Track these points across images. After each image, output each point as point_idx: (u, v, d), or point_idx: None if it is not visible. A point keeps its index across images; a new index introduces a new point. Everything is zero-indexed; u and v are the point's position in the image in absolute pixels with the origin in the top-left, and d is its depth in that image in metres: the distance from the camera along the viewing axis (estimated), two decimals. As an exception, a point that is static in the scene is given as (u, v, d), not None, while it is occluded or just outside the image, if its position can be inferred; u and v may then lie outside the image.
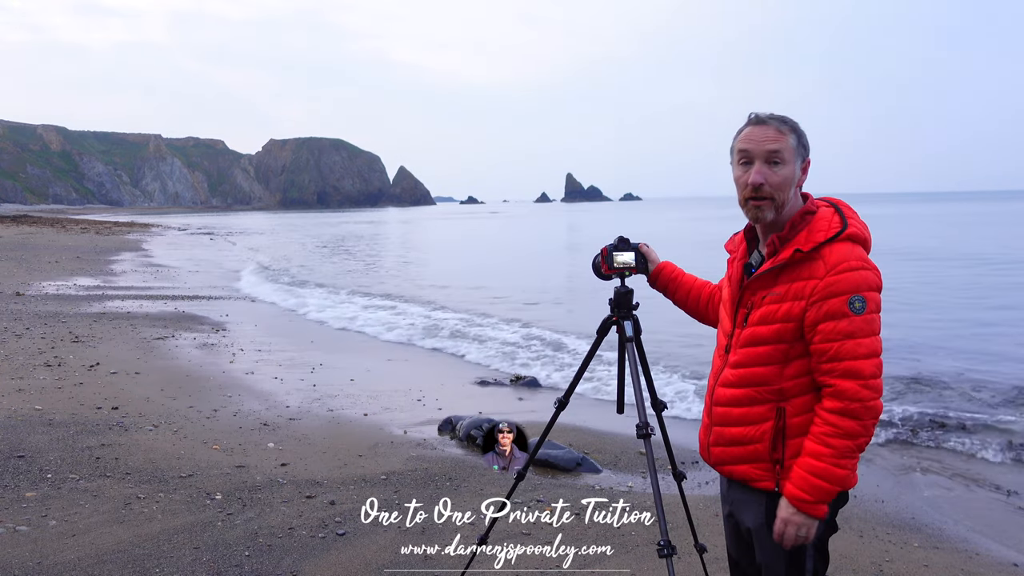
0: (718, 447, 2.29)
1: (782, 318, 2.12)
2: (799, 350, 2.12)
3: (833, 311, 2.04)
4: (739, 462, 2.24)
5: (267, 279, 21.85)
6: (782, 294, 2.13)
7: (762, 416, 2.18)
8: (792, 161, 2.16)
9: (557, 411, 2.95)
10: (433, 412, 7.34)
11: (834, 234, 2.10)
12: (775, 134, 2.15)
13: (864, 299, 2.03)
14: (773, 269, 2.17)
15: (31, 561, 3.75)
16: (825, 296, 2.05)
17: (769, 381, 2.16)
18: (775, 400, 2.16)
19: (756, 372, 2.18)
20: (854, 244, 2.10)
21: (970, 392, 8.23)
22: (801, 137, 2.19)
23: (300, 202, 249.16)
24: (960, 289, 17.46)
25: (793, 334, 2.11)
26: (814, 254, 2.10)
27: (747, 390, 2.20)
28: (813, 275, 2.08)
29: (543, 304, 15.78)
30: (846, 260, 2.05)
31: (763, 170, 2.15)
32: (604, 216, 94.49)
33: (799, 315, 2.09)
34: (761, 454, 2.18)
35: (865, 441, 2.06)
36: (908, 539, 4.63)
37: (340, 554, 4.02)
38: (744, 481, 2.25)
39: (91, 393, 7.18)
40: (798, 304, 2.09)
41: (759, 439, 2.18)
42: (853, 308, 2.02)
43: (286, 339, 11.33)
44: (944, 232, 43.32)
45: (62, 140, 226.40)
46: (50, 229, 44.37)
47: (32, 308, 12.83)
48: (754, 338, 2.19)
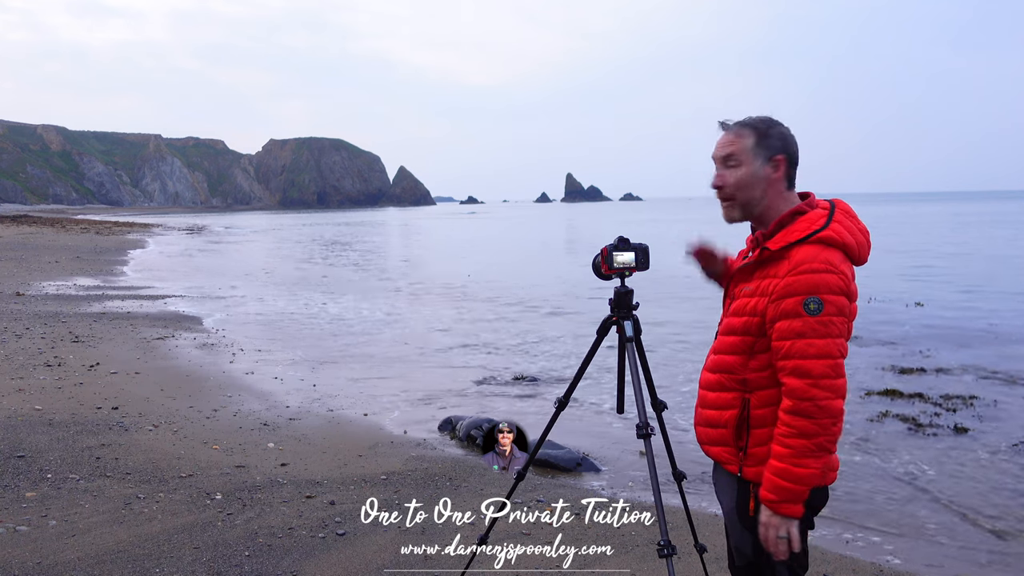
0: (700, 427, 2.40)
1: (750, 312, 2.20)
2: (763, 344, 2.19)
3: (788, 310, 2.09)
4: (714, 444, 2.33)
5: (267, 279, 21.85)
6: (753, 289, 2.22)
7: (729, 403, 2.27)
8: (749, 162, 2.22)
9: (557, 411, 2.96)
10: (433, 412, 7.34)
11: (807, 235, 2.13)
12: (732, 138, 2.25)
13: (821, 301, 2.06)
14: (749, 264, 2.26)
15: (31, 561, 3.75)
16: (783, 295, 2.10)
17: (736, 370, 2.25)
18: (741, 390, 2.25)
19: (726, 360, 2.28)
20: (826, 247, 2.12)
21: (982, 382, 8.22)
22: (766, 137, 2.23)
23: (300, 202, 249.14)
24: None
25: (758, 328, 2.19)
26: (784, 253, 2.15)
27: (719, 376, 2.30)
28: (777, 273, 2.14)
29: (543, 304, 15.77)
30: (809, 262, 2.09)
31: (722, 173, 2.26)
32: (608, 216, 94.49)
33: (763, 311, 2.16)
34: (727, 439, 2.28)
35: (825, 440, 2.07)
36: (909, 538, 4.63)
37: (340, 554, 4.02)
38: (719, 463, 2.35)
39: (91, 393, 7.18)
40: (763, 300, 2.17)
41: (725, 424, 2.28)
42: (808, 309, 2.06)
43: (286, 339, 11.33)
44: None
45: (62, 140, 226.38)
46: (50, 229, 44.37)
47: (32, 308, 12.83)
48: (728, 328, 2.29)
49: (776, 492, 2.11)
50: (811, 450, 2.07)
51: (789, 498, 2.11)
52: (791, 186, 2.27)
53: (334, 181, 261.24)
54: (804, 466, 2.08)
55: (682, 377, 8.89)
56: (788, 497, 2.11)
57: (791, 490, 2.10)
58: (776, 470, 2.11)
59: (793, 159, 2.25)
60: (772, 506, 2.13)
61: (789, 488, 2.10)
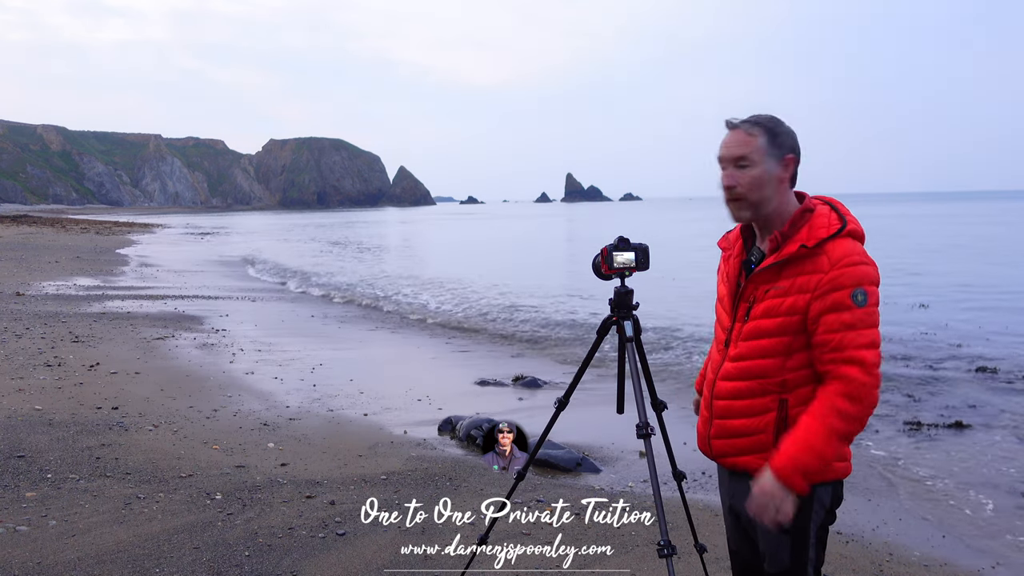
0: (720, 440, 2.33)
1: (786, 311, 2.18)
2: (801, 342, 2.18)
3: (837, 303, 2.10)
4: (742, 453, 2.28)
5: (268, 279, 21.86)
6: (786, 288, 2.18)
7: (765, 407, 2.23)
8: (761, 162, 2.21)
9: (557, 411, 2.96)
10: (433, 412, 7.34)
11: (836, 231, 2.17)
12: (743, 138, 2.22)
13: (866, 292, 2.10)
14: (776, 264, 2.21)
15: (31, 561, 3.75)
16: (830, 289, 2.11)
17: (772, 373, 2.21)
18: (778, 392, 2.21)
19: (759, 364, 2.23)
20: (855, 240, 2.18)
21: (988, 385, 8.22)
22: (776, 136, 2.22)
23: (300, 202, 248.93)
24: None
25: (797, 327, 2.17)
26: (817, 249, 2.15)
27: (750, 383, 2.25)
28: (818, 269, 2.14)
29: (544, 304, 15.77)
30: (849, 255, 2.12)
31: (733, 173, 2.23)
32: (608, 217, 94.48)
33: (803, 308, 2.15)
34: (765, 444, 2.23)
35: (857, 428, 2.11)
36: (908, 539, 4.63)
37: (340, 554, 4.02)
38: (748, 472, 2.28)
39: (91, 393, 7.18)
40: (803, 297, 2.15)
41: (763, 430, 2.23)
42: (856, 301, 2.09)
43: (286, 339, 11.32)
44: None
45: (62, 140, 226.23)
46: (50, 229, 44.37)
47: (32, 308, 12.83)
48: (757, 331, 2.23)
49: (795, 461, 2.09)
50: (844, 434, 2.10)
51: (806, 471, 2.09)
52: (794, 185, 2.28)
53: (334, 181, 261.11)
54: (831, 446, 2.10)
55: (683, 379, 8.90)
56: (805, 469, 2.09)
57: (809, 465, 2.09)
58: (804, 441, 2.09)
59: (799, 159, 2.26)
60: (784, 475, 2.09)
61: (808, 463, 2.09)
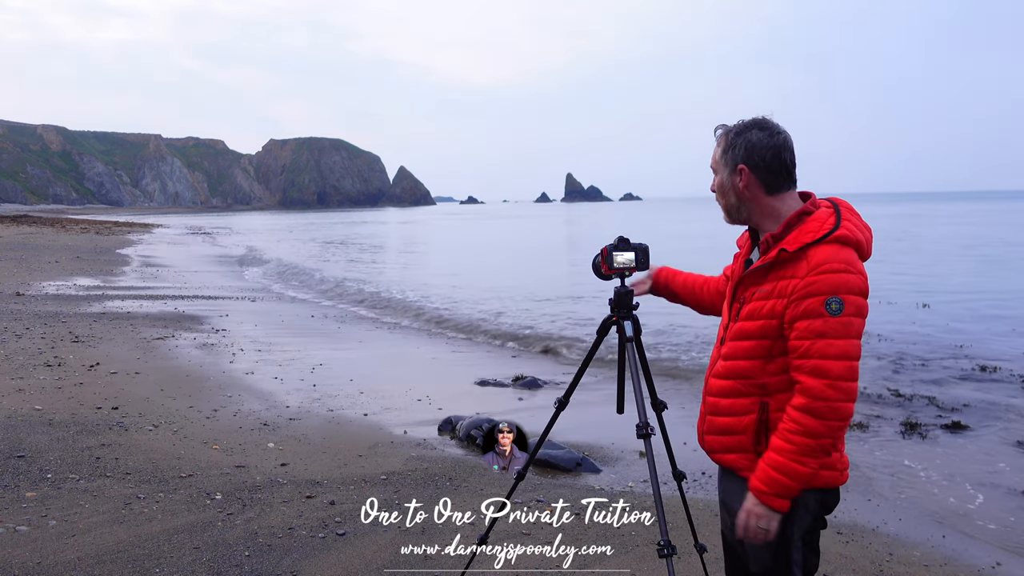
0: (710, 435, 2.37)
1: (766, 315, 2.18)
2: (781, 347, 2.17)
3: (809, 310, 2.07)
4: (728, 451, 2.31)
5: (267, 279, 21.85)
6: (768, 291, 2.19)
7: (746, 408, 2.25)
8: (721, 170, 2.30)
9: (557, 411, 2.96)
10: (433, 412, 7.34)
11: (822, 235, 2.13)
12: (715, 147, 2.33)
13: (842, 301, 2.05)
14: (763, 267, 2.22)
15: (31, 561, 3.75)
16: (803, 295, 2.09)
17: (753, 375, 2.23)
18: (759, 394, 2.23)
19: (742, 365, 2.25)
20: (842, 246, 2.12)
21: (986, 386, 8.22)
22: (731, 148, 2.26)
23: (300, 202, 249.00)
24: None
25: (776, 331, 2.17)
26: (800, 254, 2.14)
27: (734, 382, 2.27)
28: (796, 274, 2.12)
29: (544, 303, 15.76)
30: (829, 262, 2.08)
31: (714, 180, 2.35)
32: (608, 217, 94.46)
33: (781, 313, 2.14)
34: (745, 445, 2.25)
35: (828, 443, 2.09)
36: (908, 539, 4.63)
37: (340, 554, 4.02)
38: (733, 470, 2.32)
39: (91, 393, 7.18)
40: (780, 302, 2.15)
41: (743, 431, 2.25)
42: (829, 309, 2.05)
43: (286, 339, 11.32)
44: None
45: (62, 140, 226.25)
46: (50, 229, 44.36)
47: (32, 308, 12.83)
48: (742, 332, 2.26)
49: (769, 484, 2.11)
50: (814, 449, 2.08)
51: (781, 492, 2.11)
52: (774, 190, 2.24)
53: (334, 181, 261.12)
54: (804, 464, 2.09)
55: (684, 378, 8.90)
56: (780, 491, 2.11)
57: (785, 485, 2.10)
58: (774, 463, 2.11)
59: (759, 167, 2.21)
60: (762, 497, 2.13)
61: (783, 483, 2.10)
